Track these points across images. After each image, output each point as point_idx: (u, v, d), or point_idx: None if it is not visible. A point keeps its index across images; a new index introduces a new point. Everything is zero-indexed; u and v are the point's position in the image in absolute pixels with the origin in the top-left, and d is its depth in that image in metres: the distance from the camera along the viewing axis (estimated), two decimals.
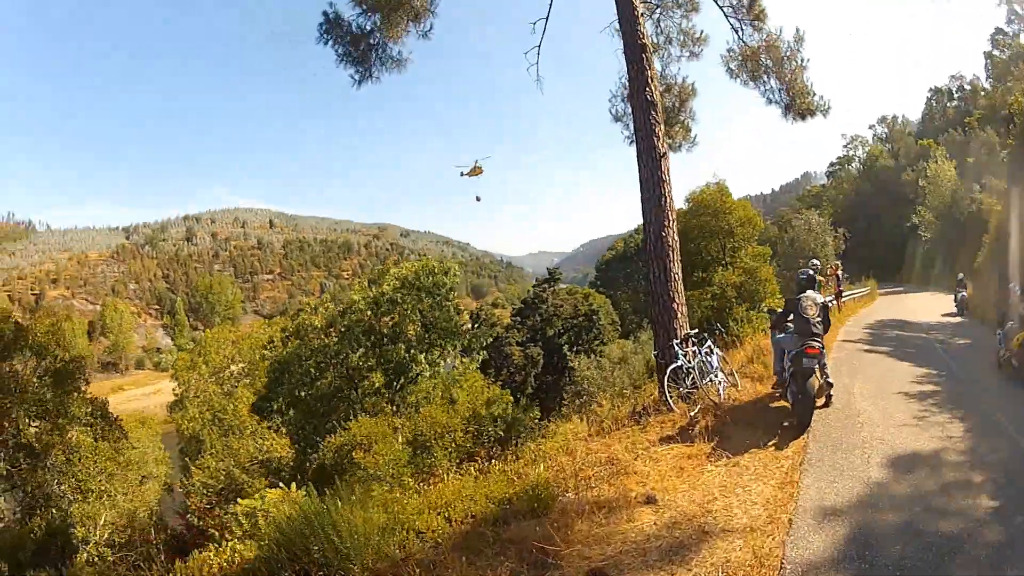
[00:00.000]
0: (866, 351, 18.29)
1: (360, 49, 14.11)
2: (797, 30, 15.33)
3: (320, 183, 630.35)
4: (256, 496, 10.22)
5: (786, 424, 10.22)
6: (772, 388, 12.00)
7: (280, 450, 18.97)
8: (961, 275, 32.31)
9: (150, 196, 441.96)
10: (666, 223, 12.43)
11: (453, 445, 12.68)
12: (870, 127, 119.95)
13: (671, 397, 10.72)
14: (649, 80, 12.90)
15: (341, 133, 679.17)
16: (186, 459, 33.62)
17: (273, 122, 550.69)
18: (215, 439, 30.65)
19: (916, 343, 20.66)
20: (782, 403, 11.18)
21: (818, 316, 10.66)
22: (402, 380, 18.85)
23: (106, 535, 15.25)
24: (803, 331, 10.49)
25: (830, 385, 11.24)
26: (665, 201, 12.49)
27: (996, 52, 53.32)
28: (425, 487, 10.36)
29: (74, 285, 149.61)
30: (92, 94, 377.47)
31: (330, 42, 13.89)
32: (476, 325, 58.06)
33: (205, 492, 14.79)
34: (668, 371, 10.97)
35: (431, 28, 14.69)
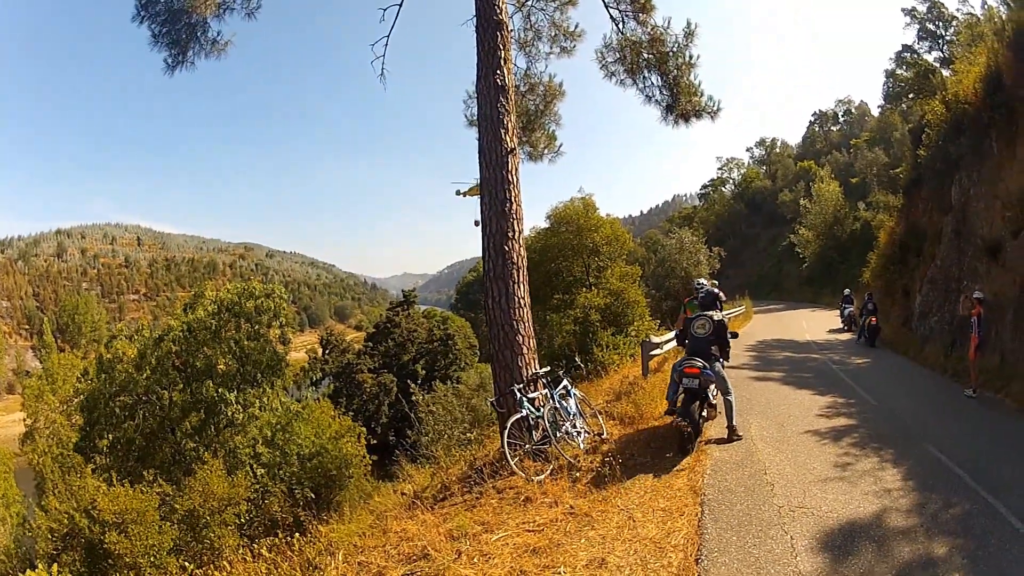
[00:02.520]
0: (756, 379, 16.58)
1: (177, 28, 11.68)
2: (688, 24, 13.22)
3: (194, 200, 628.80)
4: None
5: (670, 455, 9.08)
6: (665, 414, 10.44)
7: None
8: (848, 291, 32.90)
9: (35, 208, 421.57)
10: (510, 234, 9.93)
11: (237, 520, 10.16)
12: (747, 149, 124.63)
13: (513, 459, 8.23)
14: (502, 62, 10.62)
15: (218, 150, 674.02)
16: (30, 499, 30.38)
17: (151, 135, 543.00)
18: (57, 477, 27.67)
19: (810, 365, 19.60)
20: (664, 455, 9.26)
21: (709, 335, 10.23)
22: (218, 422, 15.98)
23: None
24: (689, 350, 10.22)
25: (712, 407, 10.36)
26: (510, 207, 10.00)
27: (900, 71, 54.40)
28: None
29: None
30: None
31: (146, 19, 11.49)
32: (326, 351, 56.04)
33: (51, 537, 12.09)
34: (509, 424, 8.49)
35: (259, 6, 12.27)
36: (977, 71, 18.16)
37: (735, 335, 12.94)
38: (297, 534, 8.70)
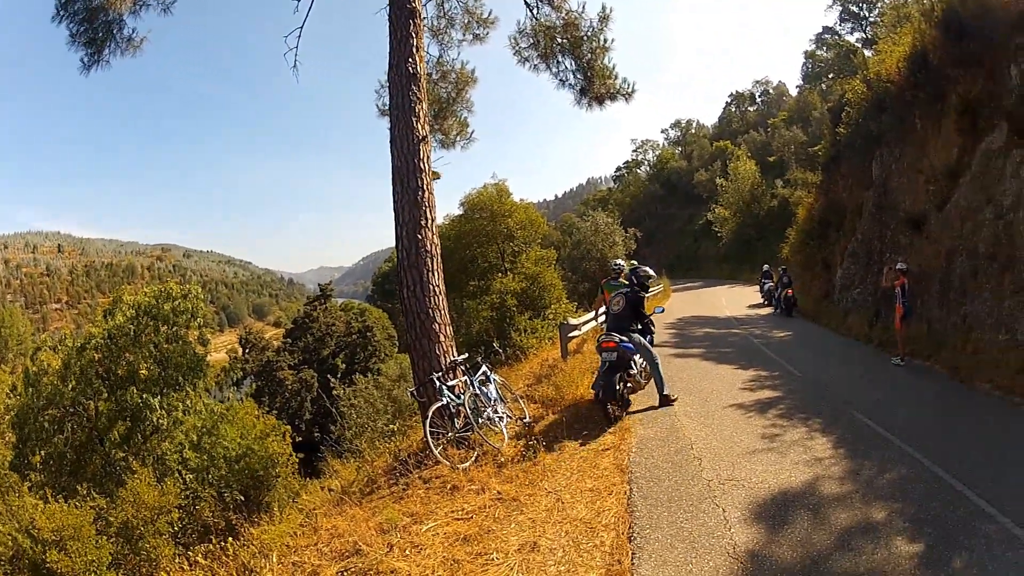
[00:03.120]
0: (677, 355, 16.48)
1: (94, 26, 11.47)
2: (603, 8, 13.42)
3: (112, 203, 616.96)
4: None
5: (594, 433, 9.32)
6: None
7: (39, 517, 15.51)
8: (766, 266, 33.23)
9: None
10: (423, 223, 9.88)
11: (171, 528, 10.00)
12: (662, 131, 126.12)
13: (436, 447, 8.17)
14: (414, 50, 10.56)
15: (134, 150, 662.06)
16: None
17: (67, 137, 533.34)
18: None
19: (732, 340, 19.79)
20: (588, 435, 9.31)
21: (624, 311, 10.79)
22: (144, 429, 15.62)
23: None
24: (608, 327, 10.83)
25: (632, 377, 10.52)
26: (423, 195, 9.95)
27: (820, 51, 55.97)
28: None
29: None
30: None
31: (64, 18, 11.24)
32: (246, 350, 55.41)
33: None
34: (430, 412, 8.43)
35: (174, 0, 12.02)
36: (902, 51, 18.49)
37: (661, 310, 13.34)
38: (231, 538, 8.58)
